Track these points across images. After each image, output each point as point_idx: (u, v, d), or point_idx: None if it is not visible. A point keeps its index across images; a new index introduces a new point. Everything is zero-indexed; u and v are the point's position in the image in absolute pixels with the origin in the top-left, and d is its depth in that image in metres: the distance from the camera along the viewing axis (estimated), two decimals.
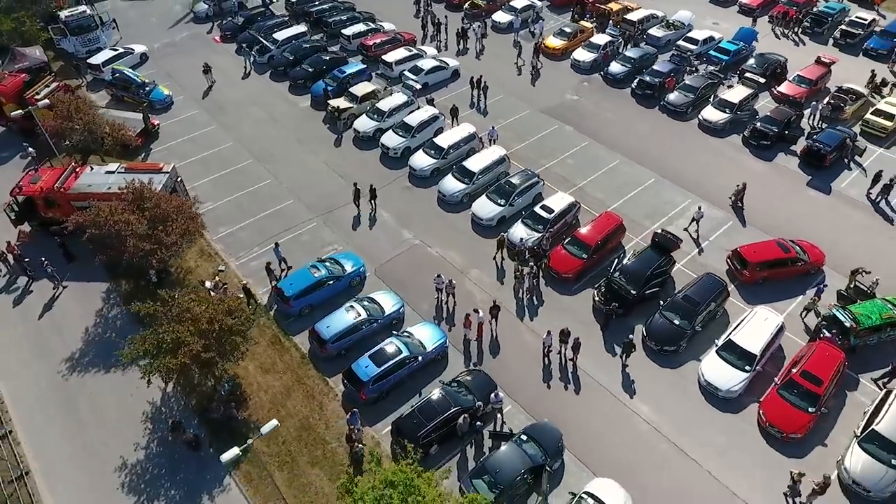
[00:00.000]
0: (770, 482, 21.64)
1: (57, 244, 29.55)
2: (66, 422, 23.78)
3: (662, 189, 33.61)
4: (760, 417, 23.13)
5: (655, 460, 22.37)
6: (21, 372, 25.38)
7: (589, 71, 42.97)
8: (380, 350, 24.28)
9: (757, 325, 24.96)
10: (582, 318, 27.18)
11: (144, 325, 26.28)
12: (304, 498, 21.37)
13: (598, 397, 24.39)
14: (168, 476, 22.13)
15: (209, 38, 47.81)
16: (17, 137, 36.72)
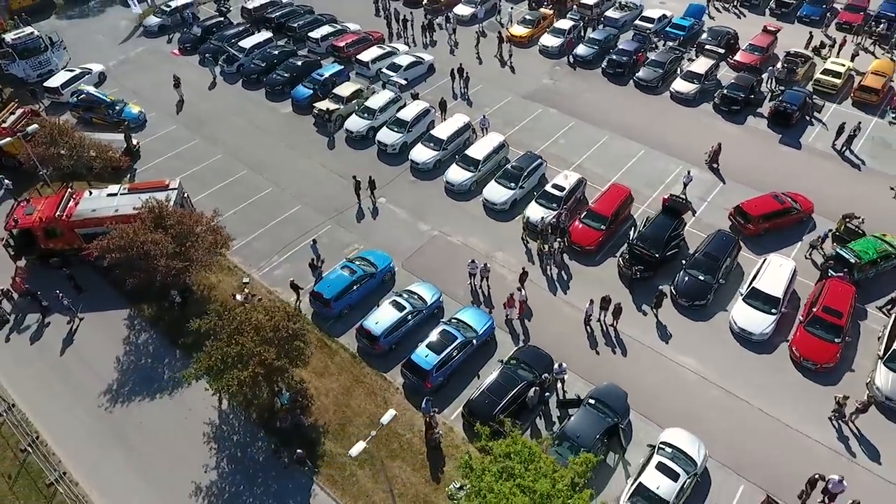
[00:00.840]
0: (815, 410, 23.63)
1: (65, 276, 28.00)
2: (123, 455, 22.76)
3: (653, 159, 35.51)
4: (794, 354, 25.19)
5: (710, 406, 23.91)
6: (59, 412, 23.99)
7: (557, 55, 44.56)
8: (436, 338, 24.62)
9: (774, 272, 27.09)
10: (610, 286, 28.41)
11: (182, 346, 25.73)
12: (395, 488, 21.50)
13: (645, 356, 25.75)
14: (248, 492, 21.66)
15: (167, 51, 46.02)
16: None
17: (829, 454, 22.41)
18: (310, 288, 27.66)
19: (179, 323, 26.84)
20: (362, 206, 32.72)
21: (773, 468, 21.91)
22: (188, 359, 25.45)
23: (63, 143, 30.51)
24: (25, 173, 32.87)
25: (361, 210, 32.47)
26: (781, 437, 22.86)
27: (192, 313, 27.11)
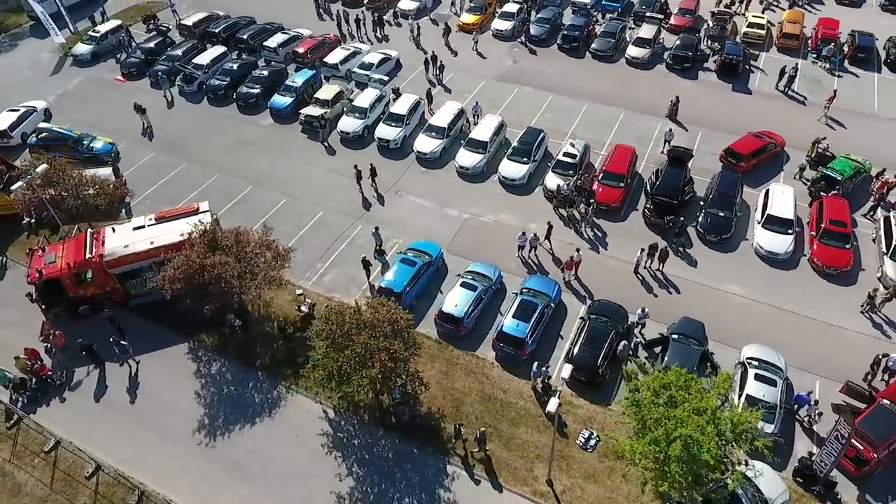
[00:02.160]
0: (847, 307, 27.28)
1: (106, 319, 25.96)
2: (246, 485, 21.79)
3: (634, 119, 38.40)
4: (816, 265, 28.81)
5: (762, 321, 26.79)
6: (158, 459, 22.39)
7: (511, 38, 46.52)
8: (519, 309, 25.62)
9: (781, 198, 30.68)
10: (640, 235, 30.75)
11: (262, 367, 25.08)
12: (529, 453, 22.38)
13: (695, 291, 28.25)
14: (392, 488, 21.64)
15: (109, 79, 42.77)
16: None
17: (870, 340, 26.02)
18: (376, 276, 28.02)
19: (248, 345, 26.11)
20: (366, 196, 33.06)
21: (832, 361, 25.09)
22: (274, 378, 24.99)
23: (64, 184, 28.01)
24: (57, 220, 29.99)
25: (367, 200, 33.00)
26: (829, 335, 26.21)
27: (255, 334, 26.50)
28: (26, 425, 23.58)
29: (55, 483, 22.04)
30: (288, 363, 25.36)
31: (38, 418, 23.82)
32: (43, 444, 23.02)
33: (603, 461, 22.12)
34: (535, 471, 21.95)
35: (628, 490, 21.30)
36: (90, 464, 22.25)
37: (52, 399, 24.45)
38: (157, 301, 27.18)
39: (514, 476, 21.89)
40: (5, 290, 28.59)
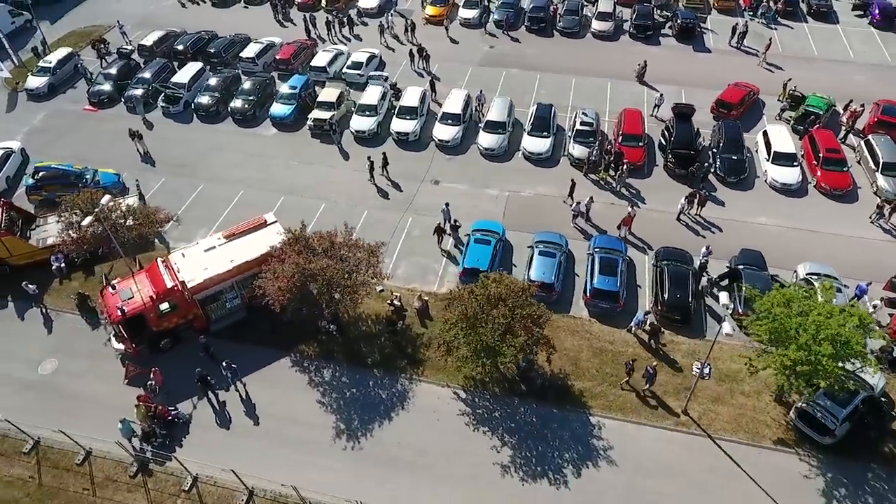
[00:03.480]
0: (858, 220, 31.34)
1: (201, 346, 24.73)
2: (408, 477, 21.81)
3: (622, 87, 41.16)
4: (824, 188, 32.74)
5: (799, 243, 30.06)
6: (312, 475, 21.60)
7: (478, 25, 47.97)
8: (603, 266, 27.28)
9: (779, 136, 34.48)
10: (667, 187, 33.47)
11: (375, 365, 25.18)
12: (656, 391, 24.10)
13: (733, 227, 31.10)
14: (550, 448, 22.54)
15: (76, 109, 39.54)
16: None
17: (886, 244, 30.21)
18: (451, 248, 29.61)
19: (352, 347, 25.91)
20: (380, 187, 33.58)
21: (867, 267, 28.68)
22: (392, 372, 25.11)
23: (114, 216, 26.11)
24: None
25: (382, 190, 33.52)
26: (854, 245, 30.03)
27: (354, 335, 26.34)
28: (152, 469, 22.15)
29: None
30: (400, 356, 25.48)
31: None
32: (178, 483, 21.77)
33: (721, 385, 24.28)
34: (670, 403, 23.77)
35: (755, 405, 23.66)
36: (242, 492, 21.35)
37: (181, 437, 23.14)
38: (238, 322, 26.54)
39: (651, 412, 23.57)
40: (62, 342, 26.30)
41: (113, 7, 50.74)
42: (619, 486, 21.53)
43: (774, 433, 22.85)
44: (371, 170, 33.50)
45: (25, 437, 22.90)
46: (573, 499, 21.22)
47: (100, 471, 22.17)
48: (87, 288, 28.11)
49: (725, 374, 24.62)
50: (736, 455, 22.30)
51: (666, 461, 22.20)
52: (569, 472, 21.94)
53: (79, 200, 26.46)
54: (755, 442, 22.65)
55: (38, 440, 22.85)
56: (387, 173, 33.98)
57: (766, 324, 21.05)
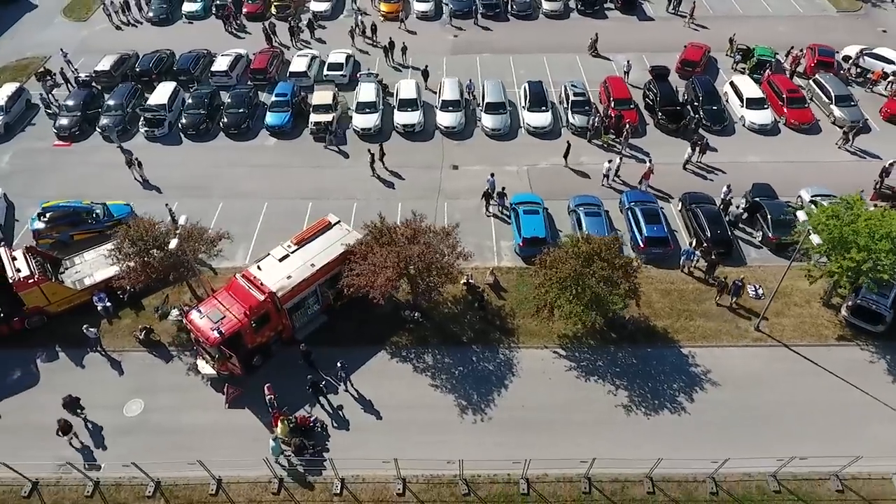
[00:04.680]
0: (827, 147, 35.88)
1: (301, 356, 24.28)
2: (553, 435, 22.83)
3: (588, 59, 43.96)
4: (794, 125, 37.08)
5: (789, 173, 33.59)
6: (454, 452, 21.70)
7: (434, 17, 49.05)
8: (648, 216, 29.61)
9: (746, 85, 38.61)
10: (663, 141, 36.51)
11: (469, 341, 26.01)
12: (726, 316, 26.72)
13: (731, 168, 34.48)
14: (658, 383, 24.45)
15: (43, 146, 36.33)
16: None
17: (855, 164, 34.87)
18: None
19: (443, 329, 26.52)
20: (382, 177, 34.21)
21: (846, 184, 32.58)
22: (490, 345, 26.04)
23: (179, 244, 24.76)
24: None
25: (385, 179, 34.20)
26: (832, 168, 34.31)
27: (439, 318, 26.92)
28: (292, 483, 21.62)
29: None
30: (491, 329, 26.37)
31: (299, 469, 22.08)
32: (326, 489, 21.46)
33: (776, 301, 27.21)
34: (741, 325, 26.46)
35: (809, 312, 26.90)
36: (394, 482, 21.45)
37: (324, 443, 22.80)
38: (320, 327, 26.27)
39: (730, 334, 26.13)
40: (139, 382, 24.75)
41: (39, 38, 46.76)
42: (726, 401, 23.81)
43: (833, 332, 26.19)
44: (372, 163, 33.90)
45: (144, 481, 21.56)
46: (694, 421, 23.25)
47: (239, 496, 21.34)
48: (140, 323, 26.58)
49: (779, 290, 27.70)
50: (810, 356, 25.36)
51: (755, 373, 24.80)
52: (681, 399, 23.97)
53: (133, 231, 24.84)
54: (821, 342, 25.85)
55: (159, 481, 21.57)
56: (383, 163, 34.41)
57: (824, 235, 24.00)
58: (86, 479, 21.59)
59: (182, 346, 25.94)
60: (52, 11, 49.99)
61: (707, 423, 23.16)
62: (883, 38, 45.27)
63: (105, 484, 21.65)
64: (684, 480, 21.58)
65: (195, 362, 24.89)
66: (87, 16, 49.31)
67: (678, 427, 23.10)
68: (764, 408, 23.60)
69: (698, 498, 21.23)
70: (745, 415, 23.33)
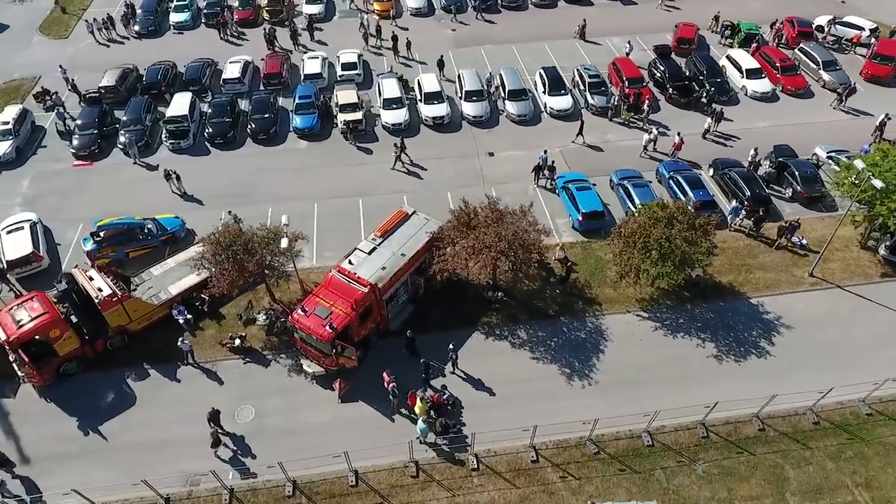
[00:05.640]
0: (823, 109, 38.95)
1: (405, 344, 24.66)
2: (661, 388, 24.24)
3: (588, 45, 45.77)
4: (791, 91, 40.04)
5: (798, 134, 35.88)
6: (586, 412, 22.88)
7: (428, 13, 49.75)
8: (691, 183, 31.39)
9: (743, 57, 41.43)
10: (677, 115, 38.62)
11: (556, 312, 27.10)
12: (779, 266, 28.93)
13: (746, 134, 36.80)
14: (738, 331, 26.26)
15: (62, 167, 34.78)
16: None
17: (850, 122, 38.06)
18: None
19: (527, 306, 27.41)
20: (407, 169, 34.87)
21: (847, 141, 35.75)
22: (576, 315, 27.27)
23: (267, 247, 24.70)
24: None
25: (410, 171, 34.86)
26: (831, 127, 37.32)
27: (519, 295, 27.80)
28: (428, 465, 22.03)
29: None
30: (574, 300, 27.51)
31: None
32: (464, 465, 21.99)
33: (819, 247, 29.51)
34: (796, 273, 28.68)
35: (851, 256, 29.43)
36: (526, 451, 22.21)
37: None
38: (409, 316, 26.69)
39: (789, 282, 28.29)
40: (242, 389, 24.46)
41: (22, 58, 44.48)
42: (804, 342, 25.79)
43: (877, 271, 28.77)
44: (401, 152, 34.36)
45: (279, 483, 21.44)
46: (781, 363, 25.07)
47: (380, 484, 21.56)
48: (224, 332, 26.23)
49: (816, 240, 30.03)
50: (862, 293, 27.80)
51: (821, 313, 26.98)
52: (763, 344, 25.82)
53: (222, 237, 24.44)
54: (868, 280, 28.36)
55: (295, 481, 21.49)
56: (406, 155, 34.89)
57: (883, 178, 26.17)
58: (220, 488, 21.28)
59: (275, 349, 25.80)
60: (27, 30, 47.59)
61: (794, 361, 25.05)
62: (844, 8, 49.34)
63: (239, 490, 21.42)
64: (787, 415, 23.39)
65: (298, 362, 24.81)
66: (67, 33, 47.20)
67: (767, 369, 24.89)
68: (837, 343, 25.74)
69: (803, 429, 23.10)
70: (823, 351, 25.40)
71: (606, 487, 21.46)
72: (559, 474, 21.84)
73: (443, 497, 21.27)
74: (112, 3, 51.14)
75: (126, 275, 26.95)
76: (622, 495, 21.21)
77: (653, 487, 21.45)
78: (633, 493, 21.23)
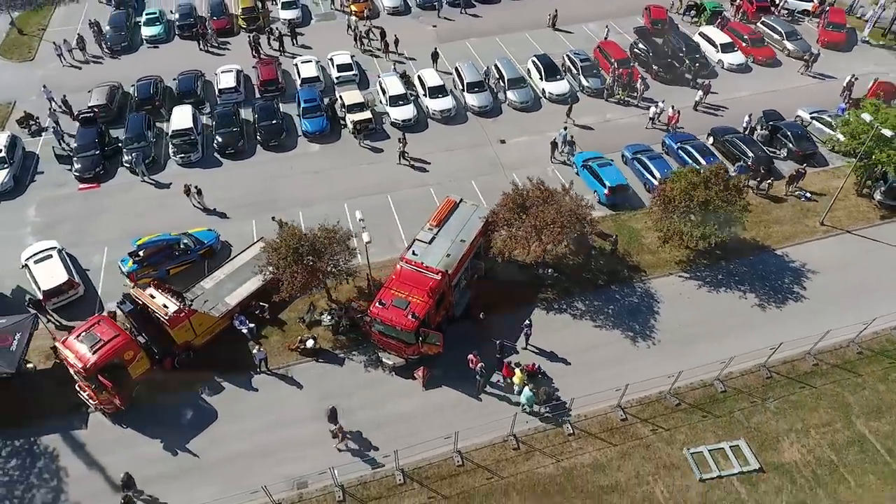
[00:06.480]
0: (791, 75, 42.23)
1: (476, 325, 25.33)
2: (710, 343, 25.94)
3: (570, 29, 47.53)
4: (760, 61, 43.08)
5: (777, 100, 38.97)
6: (647, 372, 24.25)
7: (404, 11, 50.26)
8: (703, 153, 33.44)
9: (715, 34, 44.25)
10: (667, 90, 40.78)
11: (610, 282, 28.27)
12: (789, 220, 31.37)
13: (731, 103, 39.50)
14: (772, 280, 28.37)
15: (66, 192, 33.25)
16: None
17: (818, 84, 41.42)
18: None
19: (578, 280, 28.72)
20: (412, 163, 35.41)
21: (820, 97, 39.13)
22: (624, 282, 28.72)
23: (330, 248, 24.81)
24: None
25: (413, 164, 35.49)
26: (804, 91, 40.56)
27: (568, 270, 29.01)
28: (525, 434, 22.87)
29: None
30: (618, 268, 28.97)
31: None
32: (561, 432, 22.96)
33: (822, 200, 32.19)
34: (808, 223, 31.23)
35: (851, 203, 32.24)
36: (613, 410, 23.40)
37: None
38: (469, 301, 27.38)
39: (804, 232, 30.77)
40: (322, 390, 24.49)
41: None
42: (829, 284, 28.18)
43: (876, 214, 31.73)
44: (402, 153, 34.84)
45: (387, 473, 21.74)
46: (815, 304, 27.33)
47: (485, 460, 22.19)
48: (289, 336, 26.13)
49: (815, 192, 32.76)
50: (868, 235, 30.62)
51: (837, 257, 29.51)
52: (796, 290, 28.07)
53: (287, 240, 24.32)
54: (870, 223, 31.24)
55: (403, 469, 21.80)
56: (406, 151, 35.29)
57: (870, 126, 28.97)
58: (330, 486, 21.34)
59: (345, 347, 25.93)
60: None
61: (826, 301, 27.37)
62: None
63: (350, 486, 21.54)
64: (835, 349, 25.62)
65: (374, 357, 25.06)
66: (31, 54, 44.79)
67: (805, 310, 27.12)
68: (860, 281, 28.27)
69: (850, 359, 25.40)
70: (849, 289, 27.87)
71: (695, 434, 22.97)
72: (649, 428, 23.17)
73: (548, 464, 22.17)
74: (72, 21, 49.09)
75: (178, 291, 26.29)
76: (711, 439, 22.78)
77: (736, 428, 23.13)
78: (720, 436, 22.85)
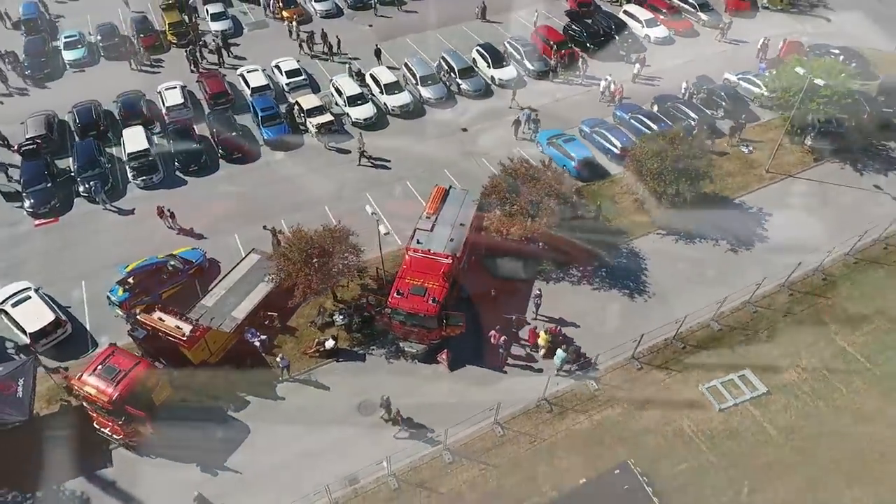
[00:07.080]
0: (710, 43, 45.90)
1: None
2: (711, 289, 28.14)
3: (505, 23, 49.13)
4: (680, 33, 46.48)
5: (702, 66, 42.56)
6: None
7: (337, 14, 50.13)
8: (652, 119, 35.94)
9: (638, 10, 47.18)
10: (602, 67, 43.13)
11: (598, 245, 30.01)
12: (746, 171, 34.37)
13: (662, 73, 42.55)
14: (749, 224, 31.03)
15: (27, 230, 31.05)
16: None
17: (735, 49, 45.24)
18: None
19: (566, 246, 30.02)
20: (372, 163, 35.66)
21: (739, 64, 43.00)
22: (610, 248, 30.47)
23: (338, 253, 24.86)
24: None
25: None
26: (723, 55, 44.16)
27: (554, 241, 30.36)
28: (555, 399, 24.04)
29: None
30: (603, 234, 30.62)
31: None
32: (585, 391, 24.24)
33: (760, 150, 35.40)
34: (755, 173, 34.33)
35: (786, 150, 35.61)
36: (631, 363, 25.08)
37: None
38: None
39: (754, 180, 33.85)
40: (354, 387, 24.67)
41: None
42: (787, 222, 31.24)
43: (809, 158, 35.28)
44: (361, 153, 34.99)
45: (435, 454, 22.29)
46: (779, 242, 30.19)
47: (524, 427, 23.16)
48: (302, 341, 26.04)
49: (757, 143, 36.05)
50: (808, 175, 34.12)
51: (792, 196, 32.89)
52: (766, 229, 31.09)
53: (296, 243, 24.16)
54: (807, 167, 34.78)
55: (449, 448, 22.37)
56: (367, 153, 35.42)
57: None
58: (384, 476, 21.65)
59: (362, 343, 26.10)
60: None
61: (789, 237, 30.34)
62: None
63: (401, 473, 21.89)
64: (804, 278, 28.57)
65: (394, 347, 25.45)
66: None
67: (773, 249, 29.90)
68: (820, 212, 31.86)
69: (818, 285, 28.43)
70: (806, 223, 31.21)
71: (705, 370, 25.02)
72: (664, 373, 25.01)
73: (582, 420, 23.50)
74: None
75: (182, 312, 25.46)
76: (720, 373, 24.89)
77: (738, 360, 25.42)
78: (728, 369, 25.00)
